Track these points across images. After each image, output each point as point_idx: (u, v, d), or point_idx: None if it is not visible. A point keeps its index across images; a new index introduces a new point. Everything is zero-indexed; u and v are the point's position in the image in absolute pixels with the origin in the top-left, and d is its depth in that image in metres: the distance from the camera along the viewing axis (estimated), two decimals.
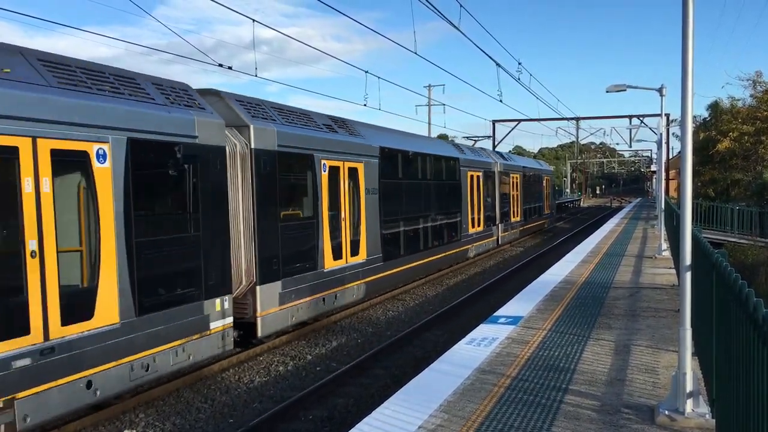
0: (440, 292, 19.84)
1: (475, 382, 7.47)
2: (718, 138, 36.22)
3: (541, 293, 13.33)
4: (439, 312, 16.02)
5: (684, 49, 6.21)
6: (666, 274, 15.90)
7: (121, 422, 9.16)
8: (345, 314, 15.86)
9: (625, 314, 11.14)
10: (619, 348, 8.89)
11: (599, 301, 12.39)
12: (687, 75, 6.21)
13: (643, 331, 9.82)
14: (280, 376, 11.41)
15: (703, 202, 33.16)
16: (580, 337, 9.49)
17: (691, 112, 6.38)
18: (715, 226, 31.19)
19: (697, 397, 6.17)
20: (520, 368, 7.96)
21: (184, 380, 10.58)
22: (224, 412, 9.71)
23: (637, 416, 6.30)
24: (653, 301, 12.29)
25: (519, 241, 34.34)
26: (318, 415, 9.53)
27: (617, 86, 21.72)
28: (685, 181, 6.39)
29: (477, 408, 6.61)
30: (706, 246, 6.84)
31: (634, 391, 7.05)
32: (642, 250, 21.34)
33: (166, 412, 9.60)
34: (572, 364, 8.09)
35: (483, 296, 18.64)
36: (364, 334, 14.46)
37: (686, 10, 6.20)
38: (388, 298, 18.15)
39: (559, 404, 6.66)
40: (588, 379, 7.47)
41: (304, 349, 13.05)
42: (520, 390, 7.13)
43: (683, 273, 6.37)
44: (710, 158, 36.99)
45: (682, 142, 6.41)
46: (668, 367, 7.82)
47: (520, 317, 10.96)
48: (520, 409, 6.55)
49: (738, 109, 37.44)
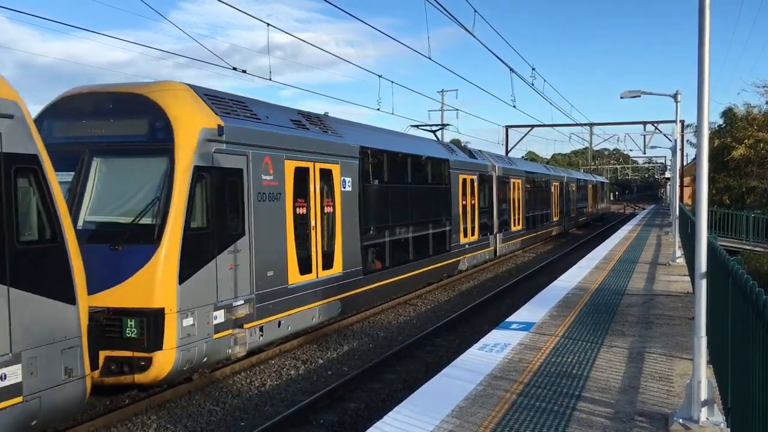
0: (452, 298, 19.80)
1: (487, 387, 7.44)
2: (733, 145, 35.99)
3: (554, 299, 13.27)
4: (451, 317, 15.97)
5: (700, 55, 6.17)
6: (680, 281, 15.78)
7: (132, 424, 9.19)
8: (356, 319, 15.84)
9: (639, 321, 11.06)
10: (632, 355, 8.82)
11: (612, 308, 12.32)
12: (703, 81, 6.17)
13: (657, 339, 9.74)
14: (292, 379, 11.41)
15: (718, 209, 32.92)
16: (593, 344, 9.43)
17: (707, 118, 6.34)
18: (730, 233, 30.95)
19: (712, 405, 6.11)
20: (532, 374, 7.92)
21: (195, 383, 10.60)
22: (236, 415, 9.72)
23: (651, 424, 6.25)
24: (667, 309, 12.20)
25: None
26: (329, 419, 9.52)
27: (631, 92, 21.63)
28: (700, 188, 6.34)
29: (489, 414, 6.58)
30: (722, 253, 6.78)
31: (648, 398, 6.99)
32: (656, 257, 21.21)
33: (178, 414, 9.62)
34: (585, 371, 8.04)
35: (495, 302, 18.58)
36: (375, 338, 14.45)
37: (703, 17, 6.16)
38: (400, 302, 18.12)
39: (572, 411, 6.61)
40: (601, 387, 7.42)
41: (316, 353, 13.05)
42: (533, 396, 7.09)
43: (698, 280, 6.31)
44: (725, 165, 36.76)
45: (698, 148, 6.37)
46: (682, 375, 7.75)
47: (533, 323, 10.91)
48: (533, 415, 6.51)
49: (754, 115, 37.20)
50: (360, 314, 16.06)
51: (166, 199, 9.86)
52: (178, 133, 10.10)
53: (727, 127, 39.58)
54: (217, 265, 10.53)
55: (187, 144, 10.09)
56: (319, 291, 13.53)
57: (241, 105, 11.97)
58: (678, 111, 21.78)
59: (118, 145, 10.30)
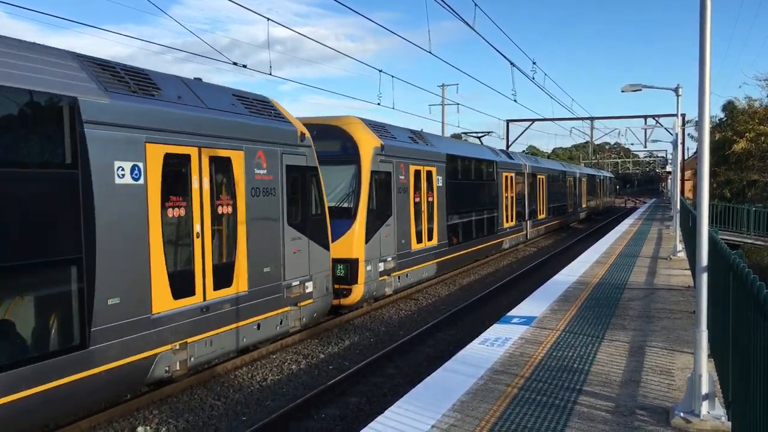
0: (453, 292, 19.80)
1: (488, 382, 7.45)
2: (734, 138, 35.90)
3: (555, 293, 13.28)
4: (452, 311, 15.99)
5: (701, 48, 6.15)
6: (681, 275, 15.78)
7: (134, 419, 9.21)
8: (358, 313, 15.86)
9: (640, 315, 11.07)
10: (633, 349, 8.83)
11: (613, 301, 12.32)
12: (704, 74, 6.15)
13: (658, 333, 9.75)
14: (293, 374, 11.43)
15: (719, 203, 32.87)
16: (594, 338, 9.44)
17: (709, 111, 6.32)
18: (731, 227, 30.92)
19: (713, 399, 6.12)
20: (533, 368, 7.93)
21: (197, 378, 10.62)
22: (237, 409, 9.74)
23: (652, 418, 6.26)
24: (668, 303, 12.21)
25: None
26: (330, 413, 9.54)
27: (633, 86, 21.56)
28: (702, 181, 6.33)
29: (490, 408, 6.59)
30: (724, 247, 6.77)
31: (649, 392, 7.00)
32: (657, 251, 21.20)
33: (180, 409, 9.64)
34: (586, 365, 8.05)
35: (496, 296, 18.59)
36: (376, 333, 14.46)
37: (704, 10, 6.14)
38: (401, 297, 18.14)
39: (573, 405, 6.62)
40: (602, 380, 7.43)
41: (317, 347, 13.07)
42: (534, 390, 7.10)
43: (699, 274, 6.31)
44: (726, 159, 36.65)
45: (699, 142, 6.35)
46: (683, 368, 7.76)
47: (534, 317, 10.92)
48: (534, 409, 6.52)
49: (755, 109, 37.08)
50: (361, 309, 16.10)
51: (357, 191, 15.69)
52: (362, 150, 15.91)
53: (728, 121, 39.46)
54: (381, 234, 16.36)
55: (366, 157, 15.92)
56: (426, 255, 19.32)
57: (385, 130, 17.60)
58: (679, 105, 21.73)
59: (333, 157, 15.56)
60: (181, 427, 9.06)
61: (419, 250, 18.66)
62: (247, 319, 11.20)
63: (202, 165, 10.16)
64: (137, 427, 8.97)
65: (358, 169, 15.68)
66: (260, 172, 11.51)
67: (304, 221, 12.81)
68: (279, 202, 11.99)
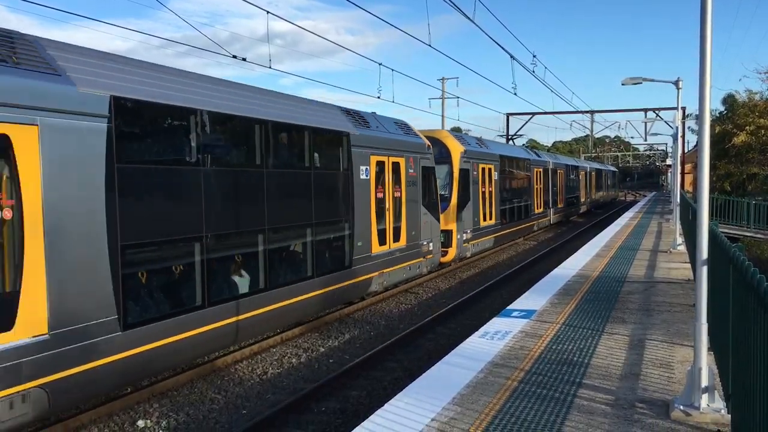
0: (453, 285, 19.82)
1: (488, 375, 7.46)
2: (734, 131, 35.83)
3: (555, 287, 13.28)
4: (452, 305, 16.00)
5: (702, 41, 6.13)
6: (681, 268, 15.79)
7: (135, 412, 9.23)
8: (358, 307, 15.88)
9: (640, 308, 11.07)
10: (633, 342, 8.84)
11: (613, 295, 12.33)
12: (705, 68, 6.13)
13: (657, 326, 9.76)
14: (293, 367, 11.45)
15: (719, 196, 32.85)
16: (593, 331, 9.45)
17: (709, 105, 6.30)
18: (731, 220, 30.92)
19: (713, 392, 6.12)
20: (533, 362, 7.94)
21: (197, 371, 10.64)
22: (237, 403, 9.75)
23: (652, 411, 6.27)
24: (668, 296, 12.21)
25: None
26: (331, 407, 9.55)
27: (633, 79, 21.52)
28: (702, 174, 6.32)
29: (490, 401, 6.60)
30: (724, 240, 6.76)
31: (649, 385, 7.01)
32: (657, 245, 21.20)
33: (180, 402, 9.66)
34: (586, 359, 8.06)
35: (496, 290, 18.61)
36: (376, 326, 14.48)
37: (704, 3, 6.12)
38: (401, 291, 18.16)
39: (573, 398, 6.63)
40: (602, 374, 7.44)
41: (317, 341, 13.08)
42: (534, 384, 7.11)
43: (699, 267, 6.31)
44: (726, 152, 36.59)
45: (700, 135, 6.34)
46: (683, 361, 7.77)
47: (534, 311, 10.93)
48: (534, 402, 6.53)
49: (755, 102, 37.00)
50: (362, 303, 16.12)
51: (450, 183, 21.87)
52: (453, 154, 22.11)
53: (729, 114, 39.37)
54: (464, 213, 22.42)
55: (456, 158, 22.11)
56: (489, 230, 25.36)
57: (463, 139, 24.07)
58: (679, 98, 21.69)
59: (438, 159, 20.63)
60: (181, 420, 9.08)
61: (485, 226, 24.87)
62: (406, 263, 17.46)
63: (390, 167, 16.49)
64: (137, 421, 8.98)
65: (451, 167, 21.96)
66: (411, 171, 17.65)
67: (429, 203, 18.82)
68: (418, 191, 18.15)
